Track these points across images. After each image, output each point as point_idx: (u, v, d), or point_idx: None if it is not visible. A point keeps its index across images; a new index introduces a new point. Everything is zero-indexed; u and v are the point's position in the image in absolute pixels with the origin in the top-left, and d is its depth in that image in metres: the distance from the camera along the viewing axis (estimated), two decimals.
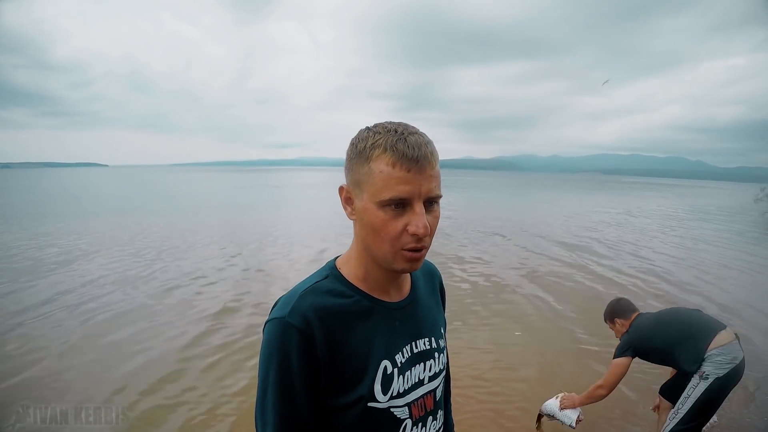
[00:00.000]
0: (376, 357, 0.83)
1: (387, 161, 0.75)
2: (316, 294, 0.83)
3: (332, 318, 0.81)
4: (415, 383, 0.88)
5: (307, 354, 0.78)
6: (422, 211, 0.76)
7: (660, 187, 67.14)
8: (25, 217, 15.62)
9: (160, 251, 9.61)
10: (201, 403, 3.66)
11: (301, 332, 0.78)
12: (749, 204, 24.07)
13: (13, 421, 3.34)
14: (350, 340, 0.81)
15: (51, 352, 4.57)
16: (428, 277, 1.03)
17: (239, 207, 21.29)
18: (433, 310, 0.99)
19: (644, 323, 2.66)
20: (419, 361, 0.90)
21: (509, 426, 3.40)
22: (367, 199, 0.78)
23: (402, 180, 0.75)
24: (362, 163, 0.78)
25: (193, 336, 5.03)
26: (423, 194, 0.76)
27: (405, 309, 0.91)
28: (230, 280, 7.42)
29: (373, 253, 0.82)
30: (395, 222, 0.77)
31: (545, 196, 36.58)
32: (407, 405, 0.86)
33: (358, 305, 0.84)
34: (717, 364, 2.35)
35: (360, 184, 0.79)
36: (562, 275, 8.00)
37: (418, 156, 0.75)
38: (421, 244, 0.78)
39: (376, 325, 0.85)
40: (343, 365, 0.80)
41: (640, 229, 15.12)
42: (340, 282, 0.86)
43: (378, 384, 0.82)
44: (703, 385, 2.36)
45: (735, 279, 8.25)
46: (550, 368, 4.31)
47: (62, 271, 7.86)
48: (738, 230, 15.92)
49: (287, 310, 0.79)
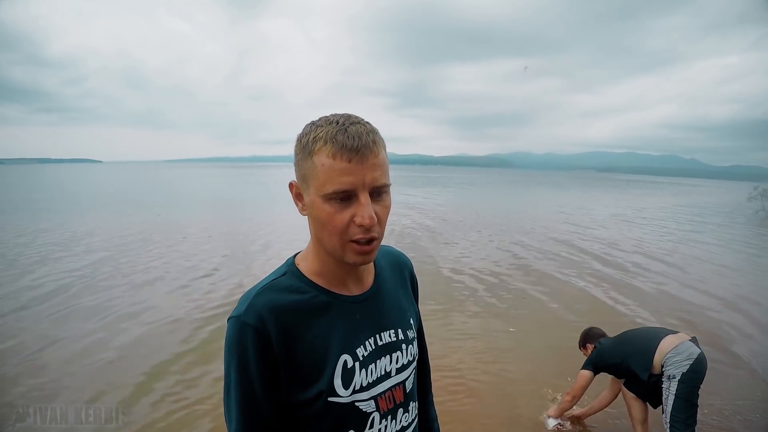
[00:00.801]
0: (335, 351, 0.82)
1: (328, 153, 0.75)
2: (272, 291, 0.83)
3: (288, 314, 0.81)
4: (381, 376, 0.88)
5: (263, 351, 0.78)
6: (368, 202, 0.76)
7: (655, 185, 67.52)
8: (23, 213, 15.51)
9: (166, 248, 9.59)
10: (201, 404, 3.66)
11: (256, 330, 0.78)
12: (743, 202, 24.21)
13: (13, 421, 3.33)
14: (307, 335, 0.81)
15: (51, 351, 4.54)
16: (396, 267, 1.02)
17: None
18: (401, 301, 0.98)
19: (605, 344, 3.08)
20: (384, 353, 0.89)
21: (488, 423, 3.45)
22: (314, 194, 0.78)
23: (344, 171, 0.74)
24: (306, 158, 0.78)
25: (193, 336, 5.02)
26: (367, 184, 0.76)
27: (366, 302, 0.90)
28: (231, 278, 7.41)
29: (325, 247, 0.82)
30: (341, 214, 0.76)
31: (546, 194, 36.65)
32: (373, 398, 0.86)
33: (314, 300, 0.84)
34: (676, 364, 2.66)
35: (306, 179, 0.79)
36: (561, 274, 8.05)
37: (359, 145, 0.74)
38: (370, 234, 0.78)
39: (334, 320, 0.84)
40: (301, 361, 0.80)
41: (640, 227, 15.20)
42: (297, 278, 0.86)
43: (338, 378, 0.82)
44: (674, 384, 2.64)
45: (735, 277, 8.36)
46: (541, 366, 4.34)
47: (62, 271, 7.83)
48: (734, 228, 16.05)
49: (243, 309, 0.80)
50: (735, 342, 5.09)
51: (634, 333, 3.09)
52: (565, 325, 5.33)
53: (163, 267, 8.05)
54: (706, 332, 5.14)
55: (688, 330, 2.91)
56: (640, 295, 6.80)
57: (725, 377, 4.17)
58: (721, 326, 5.58)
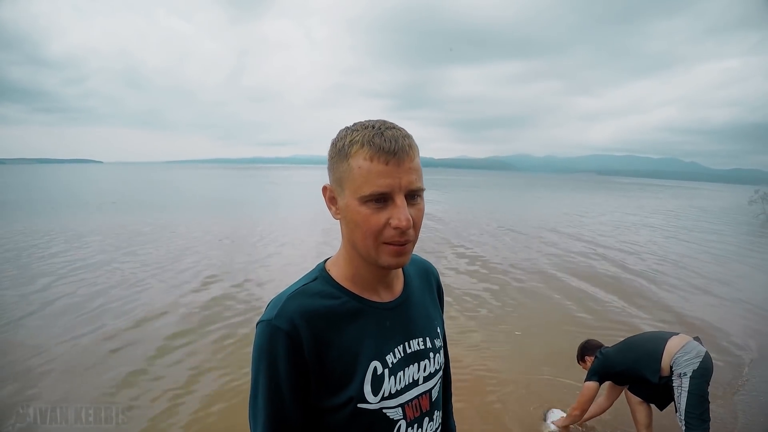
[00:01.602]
0: (365, 358, 0.83)
1: (365, 156, 0.75)
2: (304, 296, 0.83)
3: (320, 320, 0.81)
4: (409, 384, 0.88)
5: (294, 356, 0.78)
6: (404, 204, 0.76)
7: (656, 189, 67.47)
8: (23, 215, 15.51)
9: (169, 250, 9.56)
10: (201, 403, 3.66)
11: (287, 335, 0.78)
12: (743, 206, 24.20)
13: (14, 421, 3.33)
14: (338, 341, 0.81)
15: (50, 350, 4.54)
16: (423, 275, 1.02)
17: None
18: (428, 309, 0.98)
19: (608, 353, 3.05)
20: (413, 361, 0.89)
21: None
22: (349, 196, 0.78)
23: (381, 173, 0.75)
24: (342, 161, 0.79)
25: (194, 335, 5.02)
26: (403, 187, 0.76)
27: (396, 309, 0.90)
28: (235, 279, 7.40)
29: (359, 251, 0.82)
30: (377, 216, 0.77)
31: (562, 197, 36.59)
32: (400, 406, 0.86)
33: (346, 306, 0.84)
34: (685, 362, 2.67)
35: (341, 182, 0.80)
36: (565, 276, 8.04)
37: (396, 149, 0.75)
38: (405, 237, 0.78)
39: (365, 326, 0.85)
40: (332, 367, 0.80)
41: (650, 230, 15.20)
42: (328, 283, 0.86)
43: (368, 385, 0.82)
44: (686, 381, 2.65)
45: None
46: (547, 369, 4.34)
47: (64, 271, 7.82)
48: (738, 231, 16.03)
49: (274, 313, 0.80)
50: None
51: (638, 338, 3.09)
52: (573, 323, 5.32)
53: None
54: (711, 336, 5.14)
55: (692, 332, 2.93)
56: (659, 301, 6.82)
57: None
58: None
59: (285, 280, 5.55)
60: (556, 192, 43.30)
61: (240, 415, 3.48)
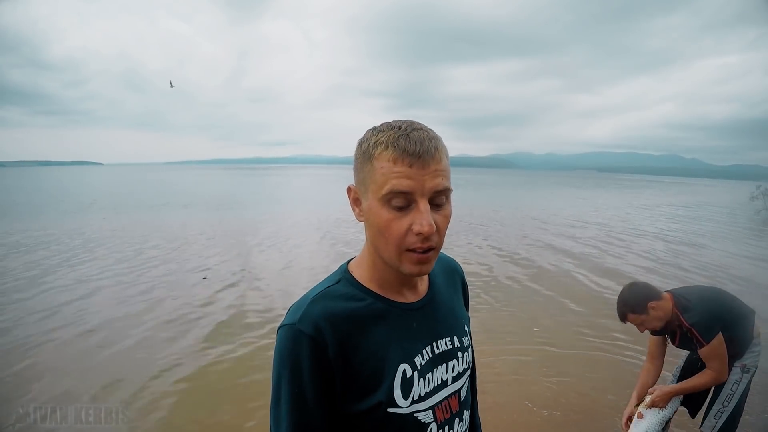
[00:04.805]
0: (394, 361, 0.80)
1: (388, 157, 0.73)
2: (328, 299, 0.81)
3: (345, 323, 0.79)
4: (438, 385, 0.85)
5: (318, 361, 0.76)
6: (427, 209, 0.73)
7: (660, 185, 67.20)
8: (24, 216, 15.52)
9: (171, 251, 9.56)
10: (201, 404, 3.65)
11: (311, 339, 0.76)
12: (745, 202, 24.16)
13: (14, 421, 3.31)
14: (365, 344, 0.79)
15: (51, 351, 4.54)
16: (449, 273, 1.00)
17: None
18: (455, 308, 0.96)
19: (705, 296, 2.31)
20: (441, 362, 0.87)
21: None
22: (372, 198, 0.76)
23: (403, 175, 0.72)
24: (366, 162, 0.77)
25: (197, 335, 5.01)
26: (427, 190, 0.73)
27: (422, 309, 0.88)
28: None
29: (382, 256, 0.80)
30: (399, 222, 0.74)
31: (578, 194, 36.47)
32: (431, 408, 0.84)
33: (371, 308, 0.82)
34: (754, 354, 2.29)
35: (365, 183, 0.78)
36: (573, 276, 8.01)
37: (420, 151, 0.73)
38: (428, 244, 0.75)
39: (392, 328, 0.82)
40: (358, 371, 0.78)
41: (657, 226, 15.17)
42: (352, 285, 0.84)
43: (398, 389, 0.79)
44: (746, 379, 2.28)
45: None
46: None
47: (66, 272, 7.81)
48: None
49: (298, 317, 0.78)
50: None
51: (727, 295, 2.40)
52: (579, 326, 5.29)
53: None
54: None
55: None
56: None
57: None
58: None
59: None
60: (582, 191, 41.94)
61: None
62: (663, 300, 2.24)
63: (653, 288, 2.29)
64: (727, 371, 2.21)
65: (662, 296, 2.26)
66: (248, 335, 5.00)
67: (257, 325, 5.32)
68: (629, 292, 2.30)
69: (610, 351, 4.63)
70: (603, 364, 4.34)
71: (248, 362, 4.34)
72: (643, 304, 2.22)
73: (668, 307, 2.24)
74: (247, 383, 3.94)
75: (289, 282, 7.29)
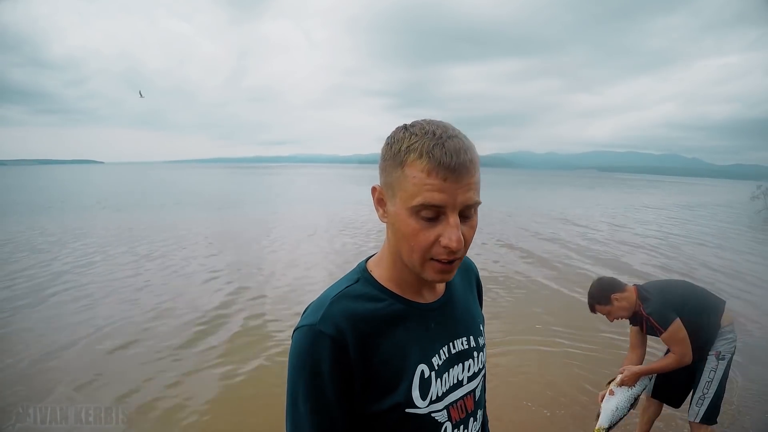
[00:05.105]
0: (412, 361, 0.80)
1: (422, 168, 0.70)
2: (348, 299, 0.80)
3: (365, 323, 0.78)
4: (454, 385, 0.85)
5: (339, 362, 0.75)
6: (456, 223, 0.72)
7: (662, 185, 67.22)
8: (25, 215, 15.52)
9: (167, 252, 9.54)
10: (201, 404, 3.65)
11: (333, 340, 0.75)
12: (746, 201, 24.14)
13: (14, 421, 3.31)
14: (384, 345, 0.78)
15: (51, 351, 4.54)
16: (464, 272, 0.99)
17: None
18: (470, 307, 0.96)
19: (664, 288, 2.53)
20: (457, 361, 0.87)
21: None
22: (400, 205, 0.74)
23: (436, 188, 0.70)
24: (396, 167, 0.74)
25: (196, 336, 5.01)
26: (458, 205, 0.71)
27: (440, 309, 0.87)
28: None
29: (404, 260, 0.79)
30: (427, 232, 0.73)
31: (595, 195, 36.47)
32: (446, 408, 0.83)
33: (390, 309, 0.81)
34: (727, 341, 2.45)
35: (393, 188, 0.75)
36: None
37: (456, 164, 0.70)
38: (454, 256, 0.74)
39: (411, 329, 0.82)
40: (378, 371, 0.77)
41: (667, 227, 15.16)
42: (371, 285, 0.83)
43: (416, 390, 0.79)
44: (722, 365, 2.43)
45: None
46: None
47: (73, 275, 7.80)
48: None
49: (318, 317, 0.77)
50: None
51: (692, 286, 2.64)
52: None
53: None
54: None
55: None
56: None
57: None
58: None
59: None
60: (596, 191, 41.88)
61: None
62: (627, 292, 2.48)
63: (618, 282, 2.54)
64: (689, 354, 2.36)
65: (626, 289, 2.50)
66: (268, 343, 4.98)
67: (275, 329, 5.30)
68: (596, 286, 2.56)
69: (612, 347, 4.63)
70: (604, 362, 4.33)
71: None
72: (608, 297, 2.48)
73: (632, 298, 2.47)
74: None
75: (300, 281, 7.29)
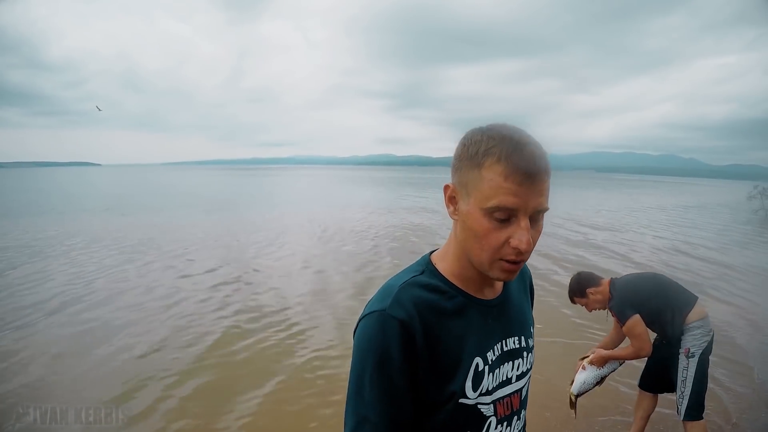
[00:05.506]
0: (470, 353, 0.83)
1: (499, 171, 0.73)
2: (415, 287, 0.83)
3: (430, 312, 0.81)
4: (503, 381, 0.88)
5: (407, 348, 0.77)
6: (527, 226, 0.75)
7: (659, 185, 67.15)
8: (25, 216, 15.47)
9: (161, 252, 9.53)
10: (201, 405, 3.66)
11: (402, 324, 0.77)
12: (743, 201, 24.17)
13: (14, 421, 3.32)
14: (445, 335, 0.81)
15: (51, 351, 4.55)
16: (520, 275, 1.02)
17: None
18: (524, 309, 0.99)
19: (631, 283, 2.65)
20: (508, 359, 0.90)
21: None
22: (473, 204, 0.77)
23: (511, 192, 0.73)
24: (472, 168, 0.77)
25: (197, 336, 5.02)
26: (530, 209, 0.75)
27: (497, 307, 0.91)
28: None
29: (471, 258, 0.82)
30: (498, 233, 0.76)
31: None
32: (493, 402, 0.86)
33: (453, 301, 0.85)
34: (696, 337, 2.52)
35: (467, 187, 0.78)
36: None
37: (532, 171, 0.73)
38: (521, 257, 0.77)
39: (470, 322, 0.85)
40: (439, 360, 0.80)
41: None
42: (436, 277, 0.86)
43: (469, 381, 0.82)
44: (693, 363, 2.51)
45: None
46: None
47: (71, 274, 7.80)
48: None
49: (387, 303, 0.79)
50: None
51: (661, 280, 2.76)
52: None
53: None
54: None
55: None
56: None
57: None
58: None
59: None
60: (595, 191, 41.77)
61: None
62: (601, 286, 2.68)
63: (594, 277, 2.75)
64: (646, 349, 2.51)
65: (601, 283, 2.70)
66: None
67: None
68: (575, 280, 2.78)
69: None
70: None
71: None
72: (584, 290, 2.72)
73: (606, 291, 2.66)
74: None
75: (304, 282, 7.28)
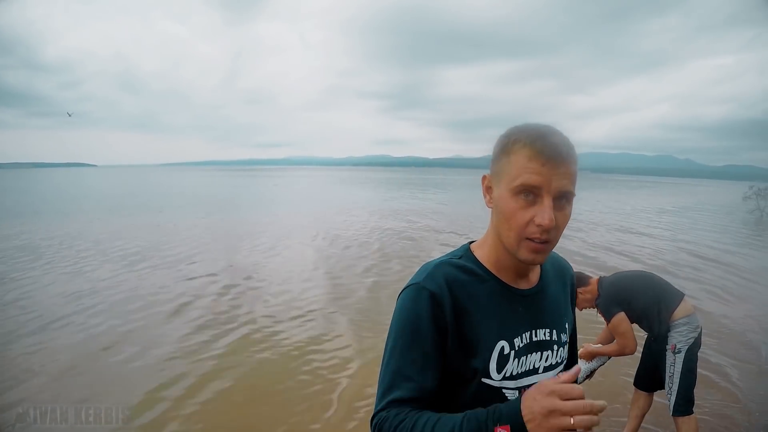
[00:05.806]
0: (495, 335, 0.89)
1: (525, 154, 0.82)
2: (451, 267, 0.92)
3: (461, 290, 0.89)
4: (529, 370, 0.92)
5: (437, 316, 0.85)
6: (550, 205, 0.81)
7: (655, 186, 67.19)
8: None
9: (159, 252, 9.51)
10: (201, 405, 3.68)
11: (432, 295, 0.86)
12: (738, 202, 24.25)
13: (14, 421, 3.33)
14: (474, 312, 0.88)
15: (51, 351, 4.55)
16: (559, 272, 1.06)
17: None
18: (560, 304, 1.03)
19: (617, 282, 2.72)
20: (537, 349, 0.94)
21: None
22: (503, 187, 0.85)
23: (535, 171, 0.80)
24: (503, 156, 0.86)
25: (197, 336, 5.04)
26: (553, 189, 0.81)
27: (530, 297, 0.95)
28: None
29: (503, 240, 0.88)
30: (524, 212, 0.82)
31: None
32: (518, 389, 0.90)
33: (485, 285, 0.92)
34: (682, 334, 2.54)
35: (499, 174, 0.87)
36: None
37: (555, 154, 0.80)
38: (546, 236, 0.82)
39: (500, 307, 0.91)
40: (465, 335, 0.87)
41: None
42: (472, 262, 0.94)
43: (493, 362, 0.88)
44: (680, 359, 2.54)
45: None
46: None
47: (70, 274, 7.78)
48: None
49: (422, 277, 0.88)
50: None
51: (649, 277, 2.81)
52: None
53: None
54: None
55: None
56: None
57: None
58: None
59: None
60: (594, 191, 41.82)
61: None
62: (590, 286, 2.73)
63: (584, 277, 2.77)
64: (630, 346, 2.57)
65: (590, 283, 2.74)
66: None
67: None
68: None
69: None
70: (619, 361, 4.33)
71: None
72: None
73: (594, 290, 2.71)
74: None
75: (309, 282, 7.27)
